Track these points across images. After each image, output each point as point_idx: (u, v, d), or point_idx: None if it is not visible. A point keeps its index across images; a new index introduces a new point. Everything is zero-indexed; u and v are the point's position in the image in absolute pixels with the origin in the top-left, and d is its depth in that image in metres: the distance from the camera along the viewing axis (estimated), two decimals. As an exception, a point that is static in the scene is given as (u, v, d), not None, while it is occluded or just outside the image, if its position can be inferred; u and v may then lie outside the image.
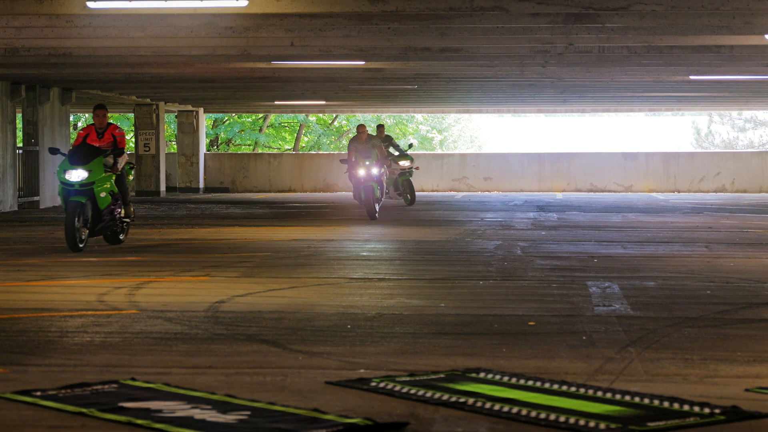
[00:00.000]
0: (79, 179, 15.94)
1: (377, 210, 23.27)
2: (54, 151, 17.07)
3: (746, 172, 38.05)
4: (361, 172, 23.45)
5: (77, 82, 28.55)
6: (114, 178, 16.56)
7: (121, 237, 17.27)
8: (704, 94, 31.66)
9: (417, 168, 29.44)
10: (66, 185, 16.05)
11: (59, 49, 19.39)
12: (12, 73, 24.99)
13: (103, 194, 16.11)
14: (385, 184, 25.24)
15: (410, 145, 30.80)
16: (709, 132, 60.18)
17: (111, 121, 18.25)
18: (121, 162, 16.80)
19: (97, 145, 16.51)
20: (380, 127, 29.33)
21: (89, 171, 15.94)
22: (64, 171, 16.04)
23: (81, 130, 16.97)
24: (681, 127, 64.30)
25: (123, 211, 16.97)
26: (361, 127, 24.87)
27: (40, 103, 29.33)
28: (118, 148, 16.59)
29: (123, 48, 19.28)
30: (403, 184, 28.55)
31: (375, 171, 23.58)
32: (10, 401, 6.86)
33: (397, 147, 28.79)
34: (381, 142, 26.06)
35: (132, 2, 13.51)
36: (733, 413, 6.57)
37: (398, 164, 28.10)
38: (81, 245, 15.99)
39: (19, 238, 19.26)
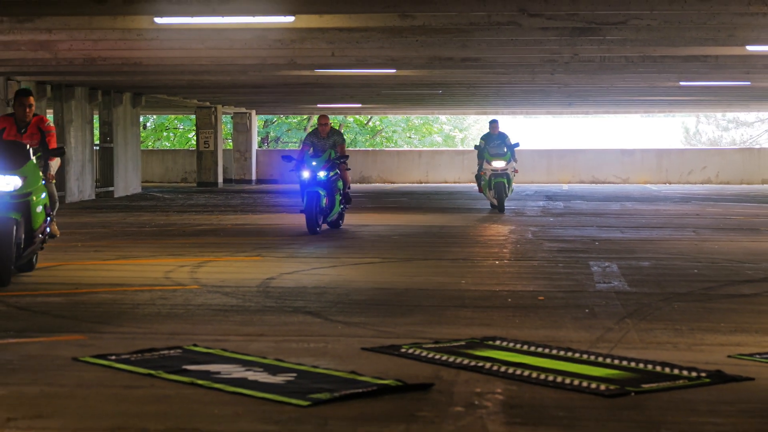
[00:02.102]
0: (9, 188, 10.38)
1: (320, 224, 16.60)
2: None
3: (729, 167, 37.87)
4: (305, 174, 16.56)
5: (146, 87, 28.62)
6: None
7: (34, 260, 11.41)
8: (692, 98, 31.50)
9: (515, 171, 22.57)
10: None
11: (131, 59, 19.45)
12: (90, 80, 25.10)
13: (39, 208, 10.76)
14: (337, 194, 17.11)
15: (516, 144, 22.62)
16: (697, 131, 59.86)
17: (38, 112, 12.31)
18: (55, 167, 11.64)
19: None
20: (493, 123, 22.81)
21: (23, 177, 10.48)
22: None
23: None
24: (672, 127, 63.96)
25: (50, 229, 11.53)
26: (322, 119, 17.68)
27: (114, 106, 29.43)
28: (57, 149, 11.34)
29: (186, 58, 19.32)
30: (496, 187, 21.92)
31: (322, 174, 16.60)
32: (89, 364, 6.90)
33: (499, 146, 22.23)
34: (343, 141, 17.69)
35: (194, 18, 13.53)
36: (717, 376, 6.55)
37: (490, 165, 22.07)
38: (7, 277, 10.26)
39: (96, 223, 19.34)
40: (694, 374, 6.59)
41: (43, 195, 10.84)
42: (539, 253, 13.88)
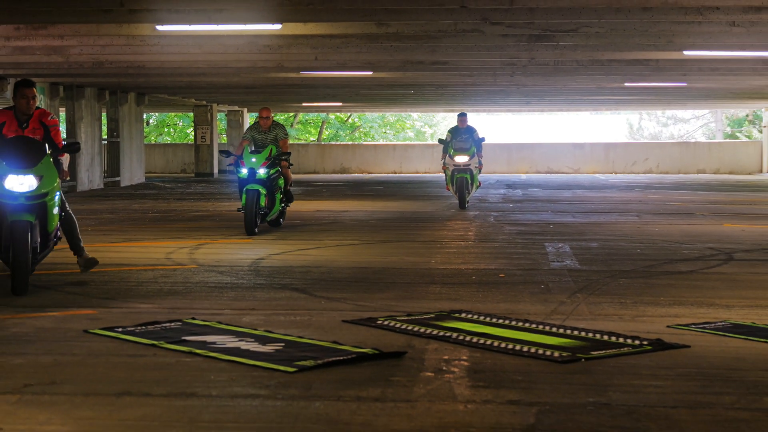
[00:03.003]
0: (24, 189, 8.68)
1: (258, 224, 13.91)
2: None
3: (668, 158, 37.98)
4: (243, 170, 13.94)
5: (149, 88, 28.48)
6: None
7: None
8: (636, 97, 31.57)
9: (480, 167, 19.45)
10: (5, 197, 8.66)
11: (135, 62, 19.35)
12: (98, 81, 24.96)
13: (55, 210, 8.95)
14: (278, 192, 14.42)
15: (482, 139, 19.52)
16: (640, 127, 59.98)
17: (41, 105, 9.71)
18: (65, 163, 9.59)
19: None
20: (461, 117, 19.55)
21: (39, 177, 8.75)
22: (1, 178, 8.71)
23: None
24: (618, 123, 64.07)
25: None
26: (263, 111, 14.53)
27: (120, 105, 29.30)
28: (73, 144, 9.25)
29: (185, 61, 19.23)
30: (458, 182, 18.96)
31: (262, 172, 13.91)
32: (98, 335, 6.88)
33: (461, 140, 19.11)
34: (285, 135, 14.64)
35: (192, 26, 13.45)
36: (657, 344, 6.58)
37: (453, 159, 19.01)
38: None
39: (105, 209, 19.25)
40: (637, 342, 6.62)
41: (58, 195, 8.98)
42: (500, 236, 13.89)
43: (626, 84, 24.56)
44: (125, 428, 4.83)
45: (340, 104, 37.43)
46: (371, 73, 21.15)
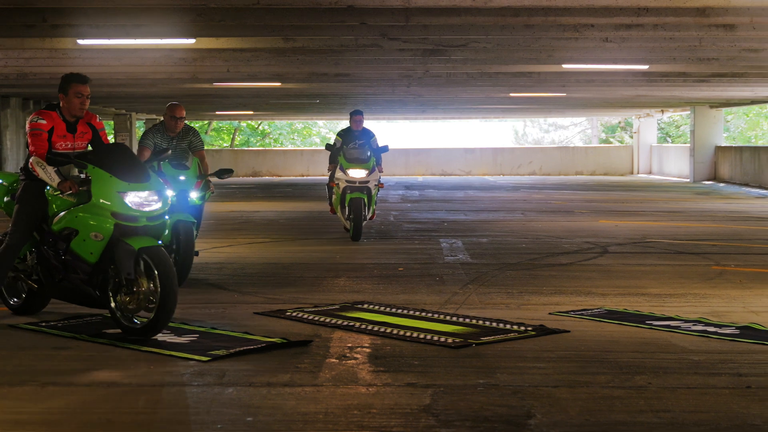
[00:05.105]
0: (150, 208, 6.55)
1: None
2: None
3: (550, 162, 38.49)
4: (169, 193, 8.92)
5: (71, 98, 27.92)
6: None
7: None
8: (520, 106, 31.95)
9: (380, 185, 13.02)
10: (125, 219, 6.46)
11: (58, 73, 18.85)
12: (23, 91, 24.40)
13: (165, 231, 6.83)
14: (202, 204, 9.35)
15: (384, 148, 13.30)
16: (524, 133, 60.75)
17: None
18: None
19: (70, 144, 6.95)
20: (356, 115, 13.39)
21: (158, 192, 6.61)
22: (119, 194, 6.46)
23: (36, 120, 6.87)
24: (504, 130, 64.78)
25: None
26: (177, 110, 9.48)
27: (44, 114, 28.72)
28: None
29: (105, 73, 18.89)
30: (352, 204, 12.53)
31: (195, 196, 9.14)
32: (24, 330, 6.73)
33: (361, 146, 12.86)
34: (200, 142, 9.60)
35: (111, 40, 13.23)
36: (540, 330, 6.67)
37: (345, 173, 12.64)
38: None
39: None
40: (522, 328, 6.70)
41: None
42: (399, 233, 13.93)
43: (511, 94, 24.83)
44: (50, 416, 4.74)
45: (251, 113, 37.17)
46: (280, 84, 21.04)
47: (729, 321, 6.98)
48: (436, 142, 57.30)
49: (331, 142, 12.61)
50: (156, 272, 6.24)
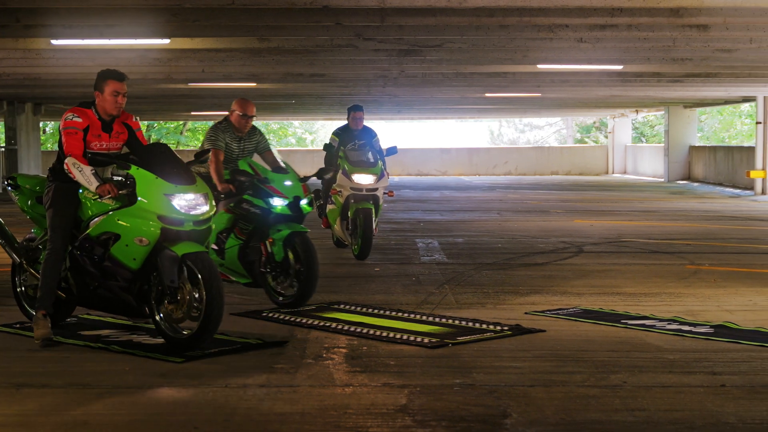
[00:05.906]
0: (197, 211, 6.18)
1: None
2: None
3: (525, 162, 38.62)
4: (277, 201, 8.11)
5: (45, 98, 27.75)
6: None
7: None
8: (495, 106, 32.02)
9: (389, 193, 11.24)
10: (172, 222, 6.11)
11: (31, 74, 18.83)
12: (-4, 92, 24.24)
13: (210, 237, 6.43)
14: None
15: (392, 150, 11.61)
16: (500, 133, 60.92)
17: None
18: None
19: (105, 144, 6.54)
20: (355, 111, 11.68)
21: (204, 195, 6.25)
22: (166, 196, 6.11)
23: (71, 118, 6.48)
24: (480, 130, 64.92)
25: None
26: (248, 107, 9.20)
27: (18, 114, 28.53)
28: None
29: (78, 73, 18.79)
30: (360, 214, 10.54)
31: (305, 203, 8.27)
32: (-3, 332, 6.68)
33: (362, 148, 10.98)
34: (267, 142, 8.90)
35: (85, 40, 13.16)
36: (516, 329, 6.69)
37: (350, 179, 10.63)
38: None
39: (3, 213, 18.68)
40: (498, 328, 6.72)
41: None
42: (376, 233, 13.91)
43: (487, 94, 24.88)
44: (25, 417, 4.71)
45: (227, 113, 37.09)
46: (255, 84, 21.00)
47: (703, 320, 7.03)
48: (412, 143, 57.35)
49: (328, 142, 11.45)
50: (200, 277, 5.90)
